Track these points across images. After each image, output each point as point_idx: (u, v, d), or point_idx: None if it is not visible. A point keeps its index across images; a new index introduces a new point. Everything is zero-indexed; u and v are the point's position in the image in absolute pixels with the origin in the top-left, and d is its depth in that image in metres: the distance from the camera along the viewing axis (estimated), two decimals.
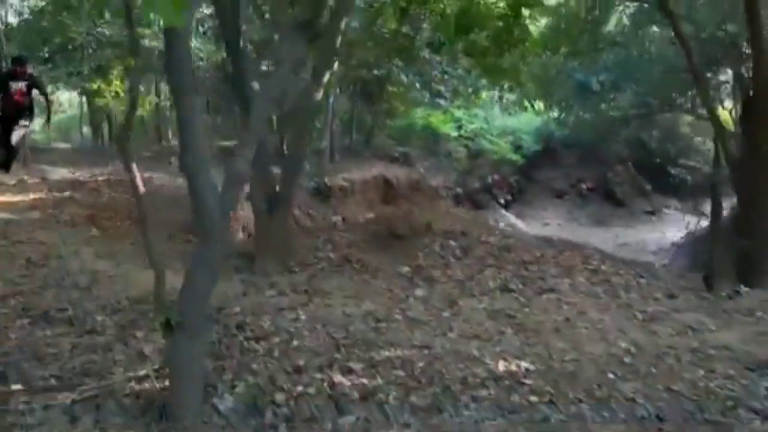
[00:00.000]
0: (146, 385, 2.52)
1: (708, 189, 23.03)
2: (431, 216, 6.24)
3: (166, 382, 2.41)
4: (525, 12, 7.56)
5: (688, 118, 20.15)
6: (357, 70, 10.14)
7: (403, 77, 11.16)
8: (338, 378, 2.59)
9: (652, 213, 20.75)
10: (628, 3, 11.41)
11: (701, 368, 2.69)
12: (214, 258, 2.34)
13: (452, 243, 4.66)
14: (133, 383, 2.54)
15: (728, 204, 19.47)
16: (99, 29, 9.67)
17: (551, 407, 2.37)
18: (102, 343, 3.03)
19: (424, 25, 9.56)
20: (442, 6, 8.89)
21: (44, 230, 5.17)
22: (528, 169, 19.94)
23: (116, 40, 9.52)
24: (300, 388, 2.52)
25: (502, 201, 18.78)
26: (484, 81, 13.15)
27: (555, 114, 17.86)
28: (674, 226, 18.12)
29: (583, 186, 21.22)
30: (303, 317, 3.37)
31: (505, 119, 19.29)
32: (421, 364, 2.74)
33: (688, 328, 3.24)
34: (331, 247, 4.83)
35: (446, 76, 11.95)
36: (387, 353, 2.88)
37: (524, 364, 2.73)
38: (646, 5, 9.68)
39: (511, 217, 16.70)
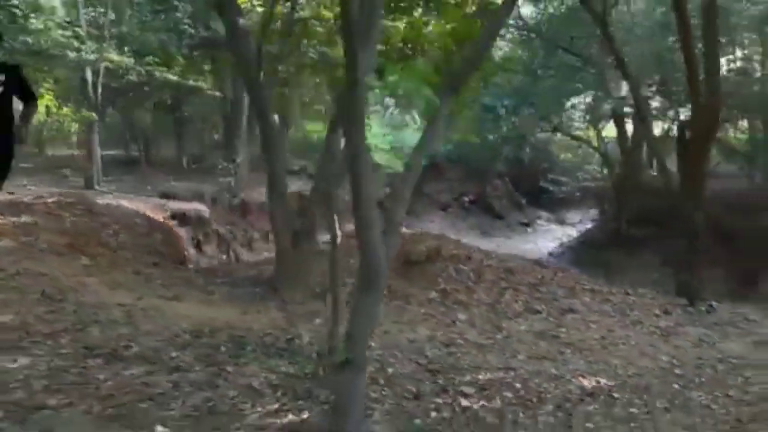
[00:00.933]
0: (296, 417, 2.65)
1: (573, 202, 25.41)
2: None
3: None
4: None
5: (559, 136, 22.28)
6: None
7: None
8: (463, 402, 2.87)
9: (527, 224, 22.60)
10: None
11: (737, 375, 3.28)
12: (377, 303, 2.55)
13: (464, 267, 5.04)
14: (281, 419, 2.65)
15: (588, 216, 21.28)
16: None
17: (650, 416, 2.81)
18: (201, 380, 3.05)
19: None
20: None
21: (32, 260, 4.85)
22: (416, 183, 20.64)
23: None
24: (434, 414, 2.77)
25: None
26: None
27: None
28: (545, 237, 19.95)
29: (466, 199, 22.70)
30: (372, 344, 3.58)
31: (394, 134, 19.89)
32: (518, 385, 3.08)
33: (700, 340, 3.88)
34: (347, 273, 5.02)
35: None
36: (481, 376, 3.19)
37: (603, 380, 3.16)
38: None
39: (403, 229, 17.22)
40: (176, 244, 7.02)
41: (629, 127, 17.98)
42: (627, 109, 18.17)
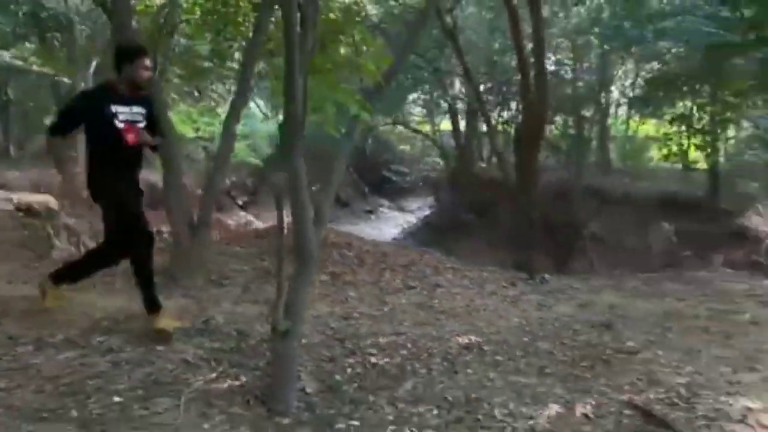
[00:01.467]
0: (235, 382, 3.11)
1: (413, 191, 27.07)
2: None
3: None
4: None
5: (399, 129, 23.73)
6: None
7: None
8: (371, 359, 3.52)
9: (371, 212, 23.92)
10: None
11: (569, 329, 4.28)
12: (310, 280, 3.09)
13: (347, 253, 5.67)
14: (222, 384, 3.10)
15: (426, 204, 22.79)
16: None
17: (511, 360, 3.68)
18: (136, 359, 3.38)
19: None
20: None
21: None
22: (262, 171, 21.29)
23: None
24: (350, 371, 3.39)
25: (240, 202, 19.65)
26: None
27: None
28: (388, 223, 21.37)
29: (312, 188, 23.18)
30: None
31: (241, 123, 20.08)
32: (410, 345, 3.81)
33: (540, 305, 4.89)
34: (235, 260, 5.42)
35: None
36: (380, 340, 3.86)
37: (473, 338, 3.99)
38: None
39: (250, 218, 17.68)
40: (42, 238, 6.85)
41: (463, 122, 19.77)
42: (460, 106, 19.94)
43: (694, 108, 11.73)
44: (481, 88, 17.34)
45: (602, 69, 15.74)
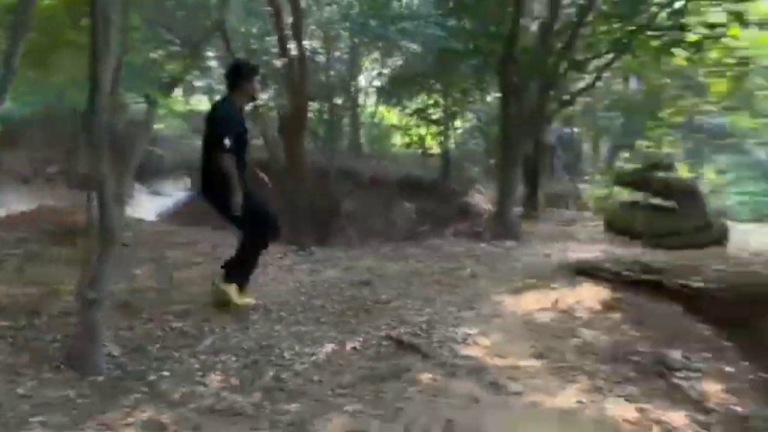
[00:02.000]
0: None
1: (170, 173, 26.30)
2: None
3: None
4: None
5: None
6: None
7: None
8: (171, 324, 3.91)
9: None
10: None
11: (337, 287, 5.10)
12: (113, 253, 3.38)
13: (126, 234, 5.76)
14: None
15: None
16: None
17: (292, 316, 4.37)
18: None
19: None
20: None
21: None
22: None
23: None
24: (151, 334, 3.75)
25: None
26: None
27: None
28: (141, 208, 20.69)
29: (50, 171, 21.45)
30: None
31: None
32: (202, 310, 4.27)
33: (311, 271, 5.66)
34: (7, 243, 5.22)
35: None
36: (174, 308, 4.25)
37: (259, 301, 4.59)
38: None
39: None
40: None
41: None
42: (220, 87, 19.84)
43: (429, 102, 13.58)
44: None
45: (352, 60, 17.15)
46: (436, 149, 18.67)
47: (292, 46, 7.88)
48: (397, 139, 19.45)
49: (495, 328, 4.50)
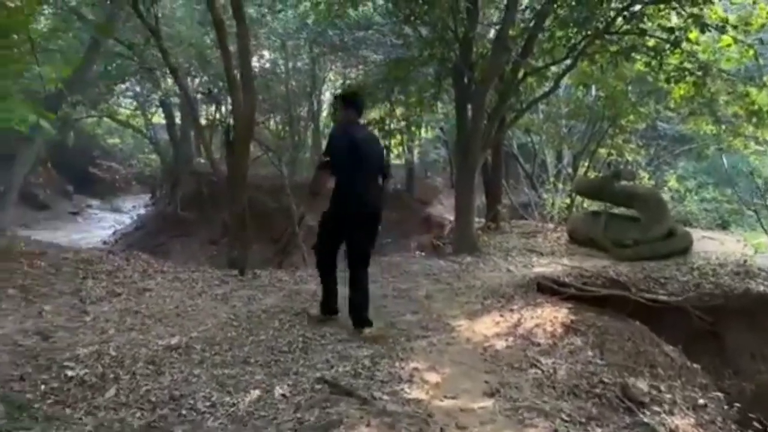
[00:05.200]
0: None
1: (126, 189, 25.43)
2: None
3: None
4: None
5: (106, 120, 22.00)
6: None
7: None
8: (68, 372, 3.38)
9: (76, 213, 21.95)
10: None
11: (276, 319, 4.62)
12: None
13: (41, 263, 5.18)
14: None
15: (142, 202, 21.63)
16: None
17: (221, 355, 3.87)
18: None
19: None
20: None
21: None
22: None
23: None
24: (43, 387, 3.22)
25: None
26: None
27: None
28: (98, 225, 19.93)
29: None
30: None
31: None
32: (113, 353, 3.74)
33: (249, 299, 5.15)
34: None
35: None
36: (79, 351, 3.72)
37: (181, 338, 4.08)
38: None
39: None
40: None
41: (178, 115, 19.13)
42: (174, 99, 19.25)
43: (386, 112, 13.20)
44: (196, 82, 17.03)
45: (312, 71, 16.72)
46: (397, 160, 18.32)
47: (235, 59, 7.39)
48: None
49: (447, 361, 4.08)
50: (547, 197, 12.45)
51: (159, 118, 21.41)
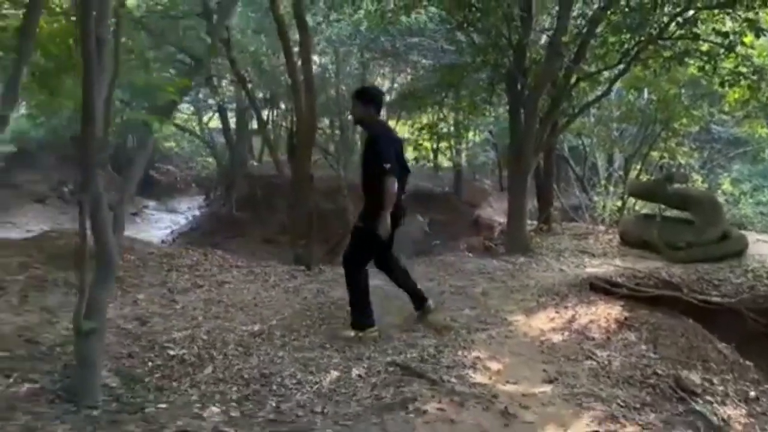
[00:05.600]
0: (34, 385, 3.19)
1: (181, 191, 26.34)
2: None
3: None
4: None
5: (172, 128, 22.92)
6: None
7: None
8: (170, 352, 3.82)
9: (135, 214, 22.91)
10: None
11: (344, 310, 4.98)
12: (111, 279, 3.30)
13: (129, 256, 5.70)
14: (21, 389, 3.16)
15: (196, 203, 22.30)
16: None
17: (299, 341, 4.26)
18: None
19: None
20: None
21: None
22: (1, 173, 19.41)
23: None
24: (150, 363, 3.65)
25: None
26: None
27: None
28: (156, 226, 20.76)
29: (65, 189, 21.62)
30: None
31: None
32: (205, 337, 4.17)
33: (318, 292, 5.54)
34: (3, 270, 5.16)
35: None
36: (174, 335, 4.15)
37: (262, 325, 4.49)
38: None
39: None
40: None
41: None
42: (230, 105, 19.97)
43: (439, 117, 13.50)
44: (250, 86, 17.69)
45: (362, 75, 17.15)
46: (446, 163, 18.58)
47: (299, 64, 7.84)
48: (408, 153, 19.36)
49: (507, 351, 4.35)
50: (598, 200, 12.52)
51: (214, 123, 22.23)
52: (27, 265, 5.26)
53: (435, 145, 17.57)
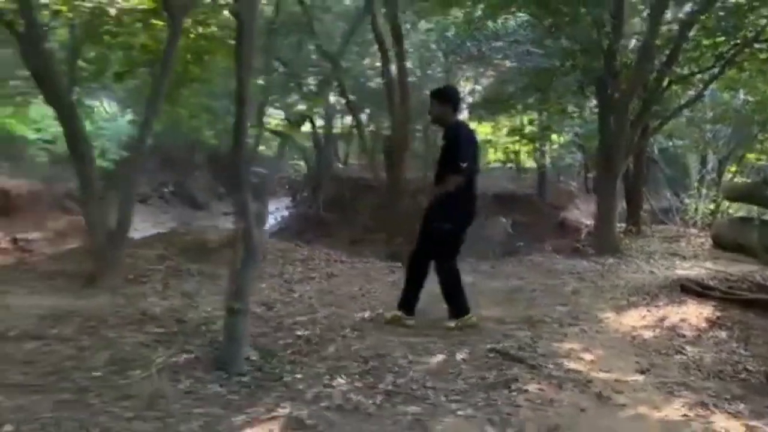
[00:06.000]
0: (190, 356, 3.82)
1: (270, 192, 27.46)
2: None
3: None
4: None
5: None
6: None
7: None
8: (297, 332, 4.38)
9: (228, 214, 24.21)
10: None
11: (437, 302, 5.40)
12: (255, 266, 3.89)
13: None
14: (179, 358, 3.79)
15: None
16: None
17: (405, 328, 4.72)
18: (96, 345, 3.94)
19: None
20: None
21: None
22: (110, 174, 20.86)
23: None
24: (281, 342, 4.23)
25: None
26: None
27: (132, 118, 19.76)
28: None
29: (165, 190, 23.11)
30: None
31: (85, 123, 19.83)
32: (324, 321, 4.71)
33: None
34: (145, 261, 5.94)
35: None
36: (298, 319, 4.72)
37: (372, 313, 4.99)
38: None
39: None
40: None
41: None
42: (318, 110, 20.81)
43: (526, 119, 13.68)
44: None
45: (446, 79, 17.52)
46: (530, 164, 18.63)
47: (394, 73, 8.35)
48: (490, 155, 19.57)
49: (598, 344, 4.64)
50: (689, 202, 12.34)
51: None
52: (164, 257, 6.02)
53: (518, 147, 17.69)
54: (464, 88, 20.43)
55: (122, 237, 5.42)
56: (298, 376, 3.69)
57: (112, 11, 5.82)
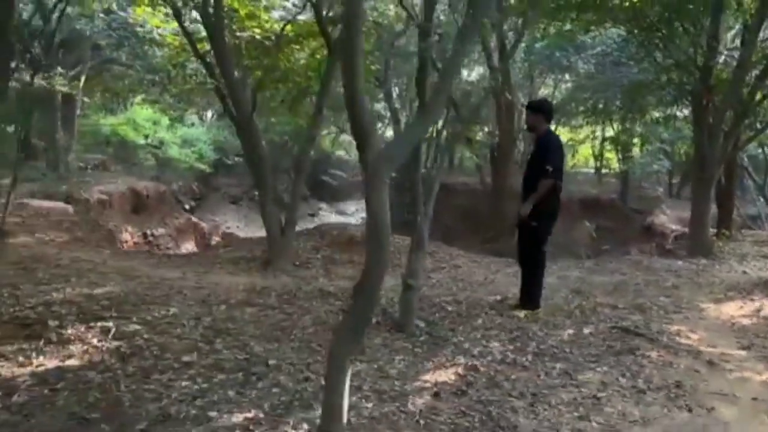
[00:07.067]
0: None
1: (349, 194, 28.61)
2: None
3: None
4: None
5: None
6: None
7: None
8: (448, 308, 5.39)
9: (312, 215, 25.56)
10: None
11: (558, 291, 6.28)
12: (425, 254, 4.93)
13: None
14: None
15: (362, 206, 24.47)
16: None
17: None
18: (301, 312, 5.07)
19: None
20: None
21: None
22: (207, 177, 22.53)
23: None
24: (437, 314, 5.25)
25: (187, 207, 20.89)
26: None
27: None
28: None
29: (255, 193, 24.69)
30: None
31: (185, 130, 21.67)
32: (464, 300, 5.70)
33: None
34: (303, 251, 7.13)
35: None
36: (443, 299, 5.72)
37: (501, 296, 5.94)
38: None
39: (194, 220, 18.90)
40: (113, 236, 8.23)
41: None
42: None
43: (619, 128, 14.23)
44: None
45: (531, 86, 18.21)
46: (615, 169, 19.04)
47: (501, 88, 9.28)
48: (570, 159, 20.05)
49: (702, 328, 5.41)
50: None
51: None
52: (317, 248, 7.18)
53: (602, 153, 18.17)
54: (545, 94, 21.10)
55: (291, 229, 6.59)
56: (461, 338, 4.70)
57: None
